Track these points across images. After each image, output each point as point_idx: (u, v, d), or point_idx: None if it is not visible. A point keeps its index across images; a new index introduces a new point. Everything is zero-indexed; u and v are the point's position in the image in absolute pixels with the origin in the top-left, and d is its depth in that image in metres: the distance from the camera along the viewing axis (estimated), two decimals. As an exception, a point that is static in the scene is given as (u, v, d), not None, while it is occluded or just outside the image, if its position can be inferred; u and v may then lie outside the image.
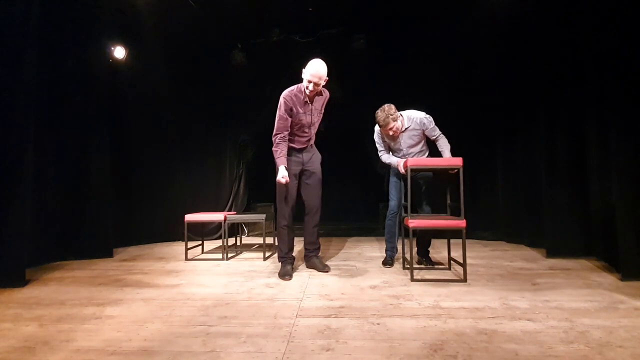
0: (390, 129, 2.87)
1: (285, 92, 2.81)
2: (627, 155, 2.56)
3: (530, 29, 3.60)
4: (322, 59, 2.76)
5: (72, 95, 3.57)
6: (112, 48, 4.13)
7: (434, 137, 3.00)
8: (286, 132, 2.80)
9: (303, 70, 2.74)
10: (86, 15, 3.63)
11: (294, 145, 2.90)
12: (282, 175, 2.70)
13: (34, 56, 2.81)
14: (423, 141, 3.05)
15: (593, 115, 3.08)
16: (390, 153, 3.10)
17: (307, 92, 2.75)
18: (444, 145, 2.98)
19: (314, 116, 2.90)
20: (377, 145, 3.12)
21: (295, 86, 2.83)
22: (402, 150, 3.03)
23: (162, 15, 4.15)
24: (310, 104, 2.84)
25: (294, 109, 2.79)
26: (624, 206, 2.55)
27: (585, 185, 3.22)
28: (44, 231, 3.38)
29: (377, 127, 3.06)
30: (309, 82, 2.69)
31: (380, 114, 2.86)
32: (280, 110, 2.78)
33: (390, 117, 2.83)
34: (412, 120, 2.96)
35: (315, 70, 2.67)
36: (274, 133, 2.82)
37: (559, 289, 2.37)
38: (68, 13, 3.53)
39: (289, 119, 2.78)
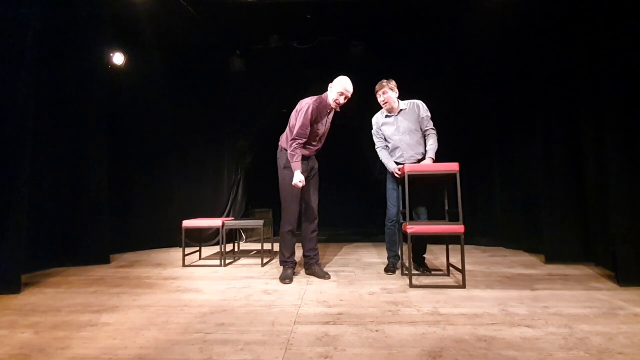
0: (384, 92, 2.96)
1: (313, 102, 2.84)
2: (624, 162, 2.57)
3: (526, 35, 3.63)
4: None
5: (70, 101, 3.56)
6: (111, 54, 4.14)
7: (425, 130, 3.01)
8: (304, 140, 2.83)
9: (332, 84, 2.84)
10: (85, 21, 3.64)
11: (304, 152, 2.92)
12: (300, 179, 2.74)
13: (33, 62, 2.82)
14: (420, 135, 3.02)
15: (590, 123, 3.09)
16: (388, 146, 3.07)
17: (334, 104, 2.84)
18: (430, 144, 2.96)
19: (326, 127, 2.98)
20: (375, 139, 3.13)
21: (317, 97, 2.89)
22: (398, 135, 3.00)
23: (161, 21, 4.17)
24: (327, 116, 2.93)
25: (317, 119, 2.86)
26: (621, 213, 2.56)
27: (583, 191, 3.23)
28: (40, 237, 3.35)
29: (373, 119, 3.14)
30: (341, 94, 2.81)
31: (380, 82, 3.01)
32: (306, 118, 2.79)
33: (386, 84, 2.97)
34: (408, 103, 3.05)
35: (349, 85, 2.82)
36: (292, 137, 2.82)
37: (558, 294, 2.36)
38: (67, 18, 3.54)
39: (309, 128, 2.82)
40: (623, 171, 2.57)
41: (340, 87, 2.79)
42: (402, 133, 3.00)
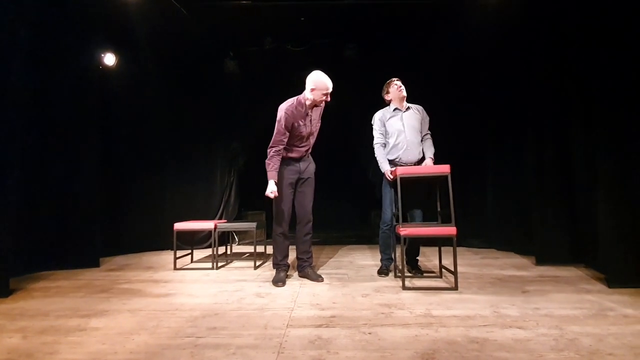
0: (398, 81, 3.07)
1: (286, 107, 2.79)
2: (610, 166, 2.61)
3: (519, 42, 3.68)
4: (314, 68, 2.81)
5: (60, 102, 3.51)
6: (102, 55, 4.10)
7: (423, 134, 3.07)
8: (282, 147, 2.79)
9: (311, 85, 2.76)
10: (75, 21, 3.60)
11: (292, 155, 2.90)
12: (271, 190, 2.72)
13: (21, 63, 2.78)
14: (421, 136, 3.05)
15: (580, 128, 3.15)
16: (389, 143, 3.06)
17: (319, 104, 2.83)
18: (428, 147, 3.03)
19: (312, 126, 2.93)
20: (375, 134, 3.12)
21: (294, 99, 2.84)
22: (405, 132, 3.00)
23: (153, 22, 4.14)
24: (309, 115, 2.87)
25: (295, 123, 2.80)
26: (608, 215, 2.59)
27: (573, 194, 3.27)
28: (29, 240, 3.29)
29: (377, 115, 3.15)
30: (324, 94, 2.76)
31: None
32: (280, 125, 2.76)
33: (397, 78, 3.10)
34: (413, 105, 3.12)
35: (328, 82, 2.76)
36: (270, 145, 2.81)
37: (549, 296, 2.38)
38: (57, 19, 3.49)
39: (287, 134, 2.78)
40: (612, 175, 2.60)
41: (322, 88, 2.74)
42: (408, 130, 3.02)
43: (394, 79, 3.10)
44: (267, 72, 4.86)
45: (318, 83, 2.75)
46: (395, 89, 3.06)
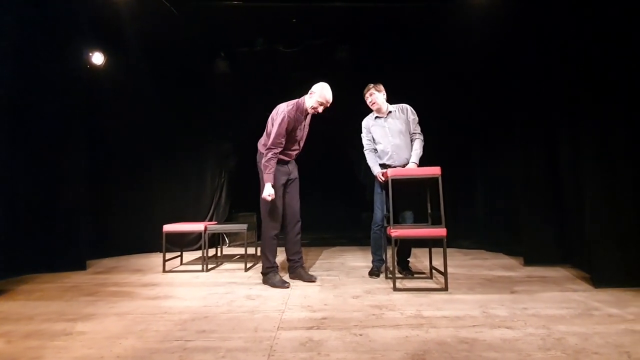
0: (370, 94, 3.02)
1: (289, 110, 2.79)
2: (597, 168, 2.66)
3: (510, 46, 3.72)
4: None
5: (45, 102, 3.44)
6: (90, 54, 4.04)
7: (412, 134, 3.04)
8: (280, 149, 2.79)
9: (313, 91, 2.80)
10: (62, 20, 3.53)
11: (283, 157, 2.90)
12: (269, 193, 2.71)
13: (7, 63, 2.72)
14: (410, 138, 3.04)
15: (566, 131, 3.21)
16: (376, 150, 3.08)
17: (311, 111, 2.85)
18: (414, 150, 2.99)
19: (304, 131, 2.96)
20: (363, 141, 3.15)
21: (293, 103, 2.84)
22: (388, 138, 3.01)
23: (143, 21, 4.09)
24: (304, 121, 2.91)
25: (295, 126, 2.82)
26: (596, 217, 2.64)
27: (560, 196, 3.33)
28: (13, 242, 3.22)
29: (363, 122, 3.16)
30: (320, 104, 2.80)
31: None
32: (282, 127, 2.75)
33: (373, 86, 3.04)
34: (396, 106, 3.10)
35: (330, 95, 2.80)
36: (268, 146, 2.78)
37: (536, 296, 2.42)
38: (43, 17, 3.43)
39: (285, 137, 2.79)
40: (597, 178, 2.65)
41: (320, 97, 2.78)
42: (392, 135, 3.02)
43: (370, 86, 3.06)
44: (258, 73, 4.84)
45: (320, 92, 2.79)
46: (368, 103, 3.08)
